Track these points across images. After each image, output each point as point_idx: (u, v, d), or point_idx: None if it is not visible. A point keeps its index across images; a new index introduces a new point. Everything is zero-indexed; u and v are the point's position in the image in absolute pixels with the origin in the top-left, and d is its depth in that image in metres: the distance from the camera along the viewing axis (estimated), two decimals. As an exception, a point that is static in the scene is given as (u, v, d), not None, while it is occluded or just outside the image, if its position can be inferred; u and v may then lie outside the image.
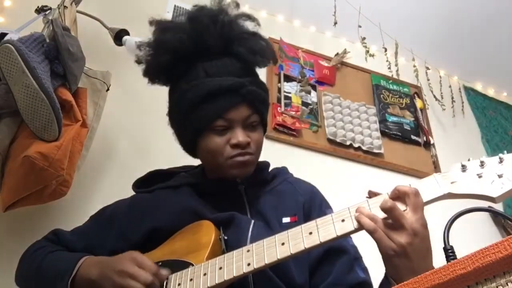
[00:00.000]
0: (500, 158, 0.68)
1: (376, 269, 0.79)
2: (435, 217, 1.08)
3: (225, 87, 0.94)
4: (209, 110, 0.94)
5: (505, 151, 0.69)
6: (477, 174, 0.69)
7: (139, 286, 0.77)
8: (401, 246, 0.67)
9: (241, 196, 0.99)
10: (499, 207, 2.22)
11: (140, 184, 1.12)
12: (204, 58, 0.98)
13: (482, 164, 0.69)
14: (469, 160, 0.72)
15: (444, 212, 0.97)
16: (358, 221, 0.70)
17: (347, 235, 0.73)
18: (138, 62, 1.05)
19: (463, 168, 0.71)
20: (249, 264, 0.75)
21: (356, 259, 0.93)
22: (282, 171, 1.12)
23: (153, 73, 1.04)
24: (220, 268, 0.77)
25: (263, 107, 1.01)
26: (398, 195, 0.72)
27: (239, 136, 0.94)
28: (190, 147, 1.04)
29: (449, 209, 0.81)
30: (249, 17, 1.04)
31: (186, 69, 0.99)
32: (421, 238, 0.68)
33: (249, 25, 1.03)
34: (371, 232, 0.69)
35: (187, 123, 0.98)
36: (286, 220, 0.93)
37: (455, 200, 0.69)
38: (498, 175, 0.66)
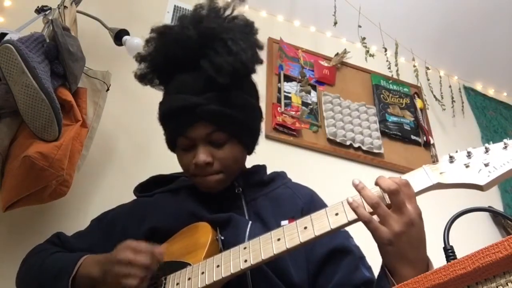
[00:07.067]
0: (486, 148, 0.70)
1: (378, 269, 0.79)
2: (435, 217, 1.08)
3: (175, 108, 0.93)
4: (171, 128, 0.98)
5: (491, 142, 0.70)
6: (465, 164, 0.70)
7: (139, 271, 0.79)
8: (396, 235, 0.68)
9: (239, 198, 1.00)
10: (499, 207, 2.22)
11: (141, 189, 1.14)
12: (180, 69, 0.96)
13: (469, 154, 0.71)
14: (456, 151, 0.73)
15: (444, 212, 0.97)
16: (355, 211, 0.71)
17: (341, 228, 0.74)
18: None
19: (451, 159, 0.72)
20: (246, 261, 0.76)
21: (360, 258, 0.93)
22: (281, 176, 1.11)
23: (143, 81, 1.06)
24: (218, 266, 0.78)
25: (228, 123, 0.93)
26: None
27: (199, 156, 0.92)
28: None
29: (449, 209, 0.81)
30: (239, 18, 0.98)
31: (167, 78, 0.99)
32: (417, 227, 0.69)
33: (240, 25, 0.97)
34: (366, 222, 0.70)
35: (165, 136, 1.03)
36: (284, 222, 0.93)
37: (455, 200, 0.69)
38: (484, 164, 0.68)
